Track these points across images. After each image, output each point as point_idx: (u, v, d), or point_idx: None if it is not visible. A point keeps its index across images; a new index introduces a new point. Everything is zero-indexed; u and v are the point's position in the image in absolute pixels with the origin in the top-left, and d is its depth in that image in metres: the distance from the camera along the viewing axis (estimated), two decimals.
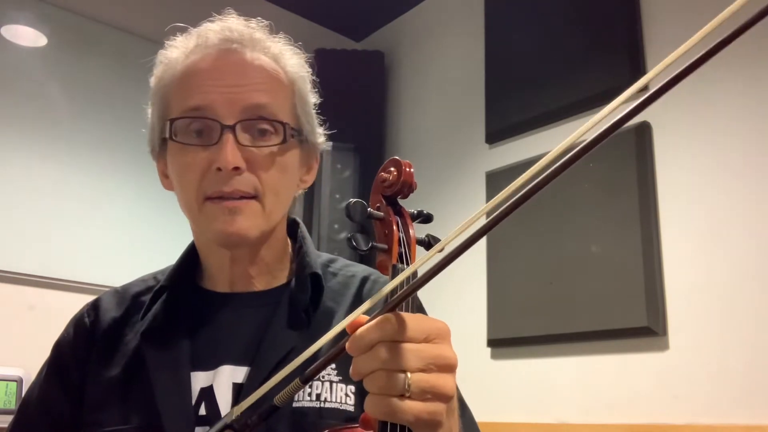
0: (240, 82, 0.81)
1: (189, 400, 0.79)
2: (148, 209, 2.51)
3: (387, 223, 0.68)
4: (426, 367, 0.55)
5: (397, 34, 3.24)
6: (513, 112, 2.51)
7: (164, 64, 0.86)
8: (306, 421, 0.76)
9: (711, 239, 1.91)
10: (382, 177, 0.71)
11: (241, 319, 0.86)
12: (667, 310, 1.95)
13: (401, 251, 0.65)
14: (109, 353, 0.86)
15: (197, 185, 0.80)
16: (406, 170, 0.70)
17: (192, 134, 0.81)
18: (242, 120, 0.79)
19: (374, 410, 0.55)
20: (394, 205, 0.71)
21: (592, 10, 2.33)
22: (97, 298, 0.93)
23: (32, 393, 0.89)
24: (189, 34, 0.85)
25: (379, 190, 0.72)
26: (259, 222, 0.81)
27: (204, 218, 0.81)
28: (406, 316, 0.56)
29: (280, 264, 0.91)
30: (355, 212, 0.65)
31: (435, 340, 0.57)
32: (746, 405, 1.75)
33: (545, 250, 2.24)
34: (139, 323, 0.87)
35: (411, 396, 0.54)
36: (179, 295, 0.88)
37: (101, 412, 0.82)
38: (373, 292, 0.89)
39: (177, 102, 0.82)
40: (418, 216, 0.71)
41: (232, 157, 0.77)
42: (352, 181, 2.76)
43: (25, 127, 2.43)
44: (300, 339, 0.82)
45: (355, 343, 0.56)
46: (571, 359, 2.14)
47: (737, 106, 1.93)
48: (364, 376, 0.56)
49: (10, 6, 2.49)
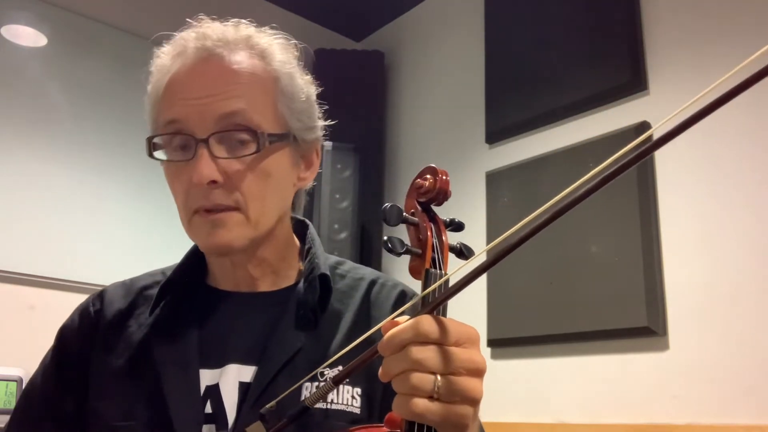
0: (212, 92, 0.79)
1: (198, 398, 0.79)
2: (149, 209, 2.51)
3: (421, 229, 0.69)
4: (456, 371, 0.56)
5: (397, 34, 3.24)
6: (513, 112, 2.51)
7: (155, 73, 0.85)
8: (312, 422, 0.76)
9: (711, 239, 1.91)
10: (418, 183, 0.72)
11: (249, 318, 0.86)
12: (667, 310, 1.95)
13: (434, 256, 0.66)
14: (113, 343, 0.86)
15: (184, 200, 0.81)
16: (443, 178, 0.71)
17: (178, 150, 0.80)
18: (216, 132, 0.78)
19: (402, 410, 0.55)
20: (428, 212, 0.72)
21: (592, 10, 2.33)
22: (103, 289, 0.93)
23: (36, 379, 0.89)
24: (173, 42, 0.84)
25: (415, 196, 0.73)
26: (244, 232, 0.80)
27: (193, 231, 0.82)
28: (438, 319, 0.57)
29: (285, 263, 0.90)
30: (391, 216, 0.66)
31: (465, 344, 0.58)
32: (746, 405, 1.75)
33: (545, 250, 2.24)
34: (144, 316, 0.87)
35: (440, 398, 0.55)
36: (187, 291, 0.88)
37: (103, 402, 0.82)
38: (380, 295, 0.89)
39: (159, 115, 0.82)
40: (450, 224, 0.73)
41: (207, 172, 0.77)
42: (352, 181, 2.76)
43: (25, 127, 2.43)
44: (307, 340, 0.82)
45: (388, 342, 0.57)
46: (571, 359, 2.14)
47: (737, 105, 1.92)
48: (393, 376, 0.56)
49: (10, 6, 2.49)
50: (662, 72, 2.12)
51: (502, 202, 2.43)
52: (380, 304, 0.89)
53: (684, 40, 2.07)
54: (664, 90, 2.11)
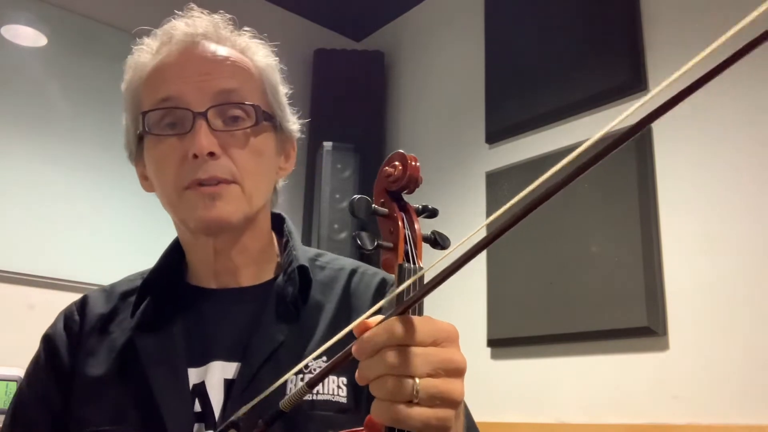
0: (208, 70, 0.82)
1: (188, 397, 0.79)
2: (148, 209, 2.50)
3: (392, 220, 0.65)
4: (434, 372, 0.53)
5: (397, 34, 3.24)
6: (513, 112, 2.51)
7: (132, 68, 0.87)
8: (299, 411, 0.76)
9: (711, 239, 1.91)
10: (386, 171, 0.68)
11: (230, 314, 0.86)
12: (667, 310, 1.95)
13: (407, 249, 0.62)
14: (96, 349, 0.86)
15: (175, 176, 0.80)
16: (412, 164, 0.66)
17: (166, 128, 0.81)
18: (213, 106, 0.80)
19: (381, 416, 0.53)
20: (398, 201, 0.67)
21: (592, 9, 2.33)
22: (84, 296, 0.93)
23: (22, 387, 0.88)
24: (153, 36, 0.87)
25: (384, 186, 0.68)
26: (240, 206, 0.81)
27: (184, 207, 0.81)
28: (413, 319, 0.55)
29: (265, 255, 0.91)
30: (359, 209, 0.62)
31: (443, 343, 0.55)
32: (746, 405, 1.75)
33: (545, 250, 2.24)
34: (127, 321, 0.87)
35: (419, 402, 0.52)
36: (167, 292, 0.88)
37: (89, 408, 0.81)
38: (361, 284, 0.89)
39: (147, 97, 0.83)
40: (424, 211, 0.68)
41: (207, 143, 0.78)
42: (352, 181, 2.76)
43: (25, 127, 2.42)
44: (289, 332, 0.82)
45: (362, 346, 0.54)
46: (571, 359, 2.14)
47: (737, 105, 1.93)
48: (370, 380, 0.54)
49: (10, 6, 2.49)
50: (662, 72, 2.12)
51: (502, 202, 2.43)
52: (360, 294, 0.88)
53: (684, 40, 2.07)
54: (664, 90, 2.10)
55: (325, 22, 3.28)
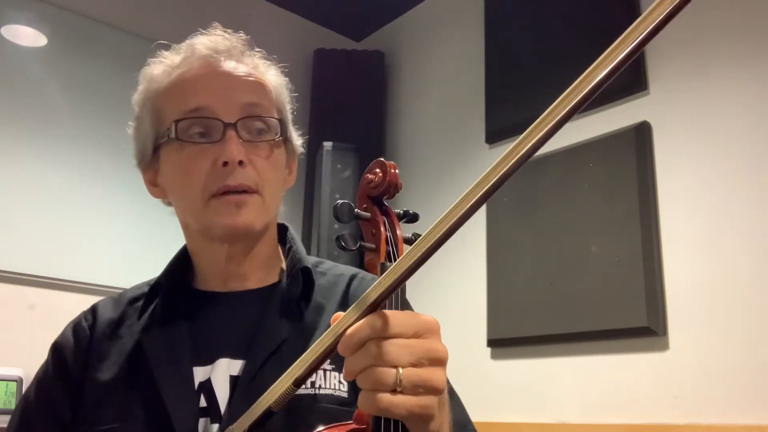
0: (233, 84, 0.87)
1: (193, 393, 0.81)
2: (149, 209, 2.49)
3: (374, 223, 0.70)
4: (417, 362, 0.56)
5: (397, 34, 3.24)
6: (513, 112, 2.51)
7: (148, 79, 0.90)
8: (301, 405, 0.79)
9: (711, 239, 1.91)
10: (367, 179, 0.74)
11: (236, 314, 0.88)
12: (667, 310, 1.95)
13: (389, 250, 0.67)
14: (106, 353, 0.88)
15: (203, 183, 0.84)
16: (391, 171, 0.72)
17: (195, 136, 0.85)
18: (242, 118, 0.84)
19: (367, 406, 0.56)
20: (380, 206, 0.73)
21: (591, 10, 2.33)
22: (94, 304, 0.96)
23: (29, 395, 0.90)
24: (174, 50, 0.91)
25: (366, 191, 0.74)
26: (262, 214, 0.86)
27: (211, 214, 0.84)
28: (394, 313, 0.58)
29: (272, 262, 0.94)
30: (342, 213, 0.67)
31: (424, 335, 0.58)
32: (746, 405, 1.75)
33: (545, 250, 2.24)
34: (135, 324, 0.90)
35: (403, 391, 0.55)
36: (175, 295, 0.90)
37: (99, 410, 0.83)
38: (360, 288, 0.92)
39: (172, 108, 0.86)
40: (404, 216, 0.73)
41: (237, 152, 0.82)
42: (352, 181, 2.76)
43: (25, 127, 2.42)
44: (293, 330, 0.85)
45: (345, 342, 0.57)
46: (571, 359, 2.14)
47: (737, 104, 1.93)
48: (356, 374, 0.57)
49: (10, 6, 2.49)
50: (662, 72, 2.12)
51: (502, 202, 2.43)
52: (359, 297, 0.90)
53: (684, 40, 2.07)
54: (664, 90, 2.11)
55: (325, 22, 3.28)
